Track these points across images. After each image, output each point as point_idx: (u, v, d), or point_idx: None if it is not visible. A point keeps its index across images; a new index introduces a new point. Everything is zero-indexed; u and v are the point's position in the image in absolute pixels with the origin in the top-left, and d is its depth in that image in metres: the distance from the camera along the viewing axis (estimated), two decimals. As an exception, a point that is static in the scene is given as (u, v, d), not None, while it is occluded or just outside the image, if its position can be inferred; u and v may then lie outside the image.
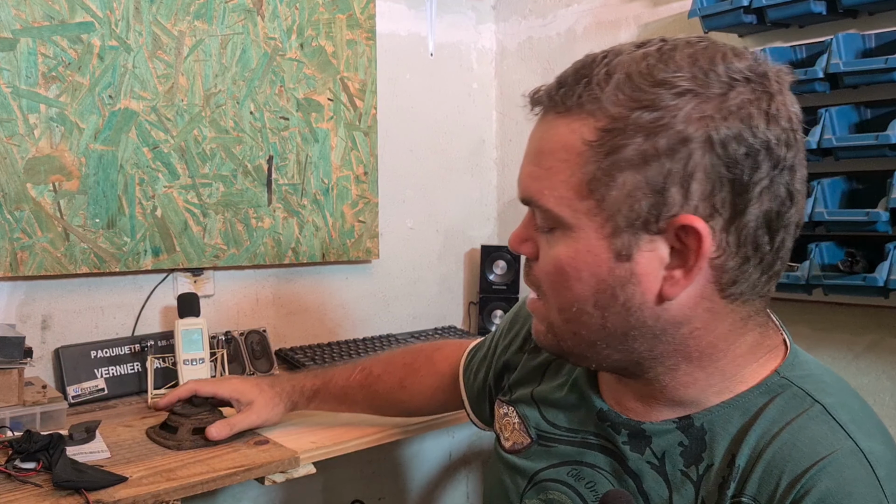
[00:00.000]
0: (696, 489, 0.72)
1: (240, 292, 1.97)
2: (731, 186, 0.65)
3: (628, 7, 2.09)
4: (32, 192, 1.61)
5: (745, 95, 0.66)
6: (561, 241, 0.71)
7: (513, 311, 1.05)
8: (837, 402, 0.71)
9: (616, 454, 0.79)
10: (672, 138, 0.64)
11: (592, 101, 0.67)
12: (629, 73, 0.66)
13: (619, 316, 0.70)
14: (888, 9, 1.54)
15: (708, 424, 0.73)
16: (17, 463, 1.21)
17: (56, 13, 1.62)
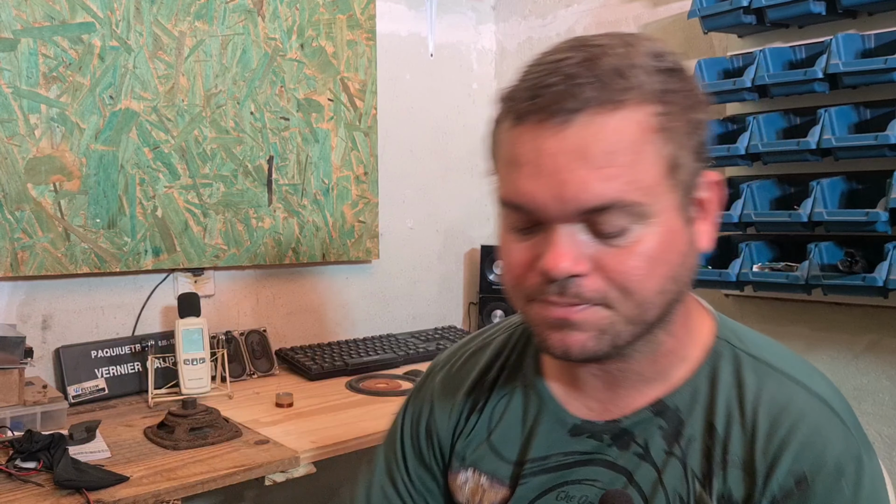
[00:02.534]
0: (683, 464, 0.74)
1: (240, 292, 1.97)
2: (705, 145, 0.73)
3: (628, 7, 2.10)
4: (33, 192, 1.61)
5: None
6: (645, 233, 0.68)
7: (412, 416, 0.95)
8: (774, 355, 0.77)
9: (603, 461, 0.78)
10: (703, 109, 0.72)
11: (636, 90, 0.67)
12: (641, 61, 0.69)
13: (683, 283, 0.73)
14: (888, 9, 1.54)
15: (680, 403, 0.77)
16: (18, 462, 1.22)
17: (57, 13, 1.62)
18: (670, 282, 0.70)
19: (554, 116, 0.66)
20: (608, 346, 0.71)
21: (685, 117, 0.70)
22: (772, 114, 1.68)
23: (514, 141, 0.70)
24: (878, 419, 1.64)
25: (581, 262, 0.68)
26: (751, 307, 1.82)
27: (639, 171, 0.67)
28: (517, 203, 0.70)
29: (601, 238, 0.68)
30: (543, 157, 0.67)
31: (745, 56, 1.71)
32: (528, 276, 0.71)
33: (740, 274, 1.65)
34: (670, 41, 2.00)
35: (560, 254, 0.67)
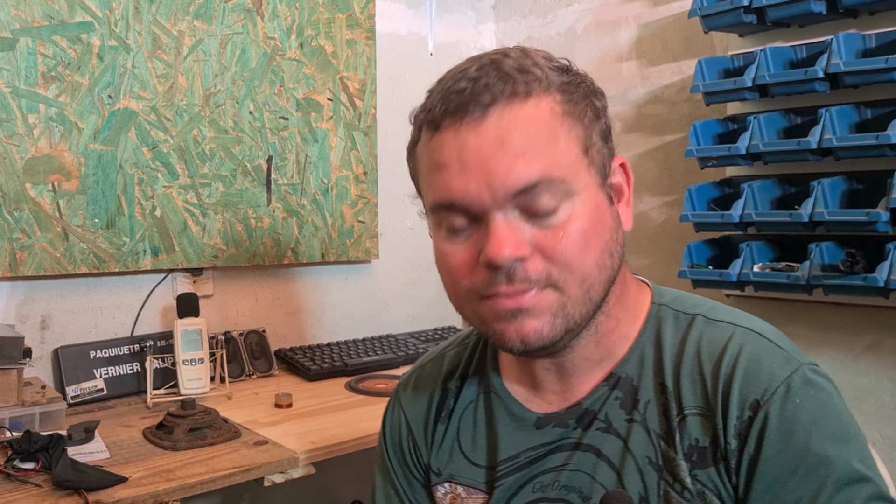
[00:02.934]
0: (645, 427, 0.77)
1: (239, 292, 1.97)
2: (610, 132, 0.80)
3: (628, 7, 2.09)
4: (32, 192, 1.60)
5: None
6: (573, 210, 0.72)
7: (392, 439, 0.97)
8: (709, 309, 0.81)
9: (570, 444, 0.81)
10: (601, 98, 0.79)
11: (540, 82, 0.73)
12: (539, 60, 0.76)
13: (617, 260, 0.77)
14: (888, 8, 1.54)
15: (630, 371, 0.80)
16: (17, 463, 1.21)
17: (55, 13, 1.61)
18: (606, 256, 0.75)
19: (469, 114, 0.72)
20: (562, 330, 0.74)
21: (587, 103, 0.76)
22: (772, 113, 1.68)
23: (436, 148, 0.75)
24: (878, 420, 1.64)
25: (522, 245, 0.71)
26: (751, 307, 1.81)
27: (557, 152, 0.72)
28: (449, 201, 0.73)
29: (535, 220, 0.72)
30: (467, 152, 0.72)
31: (746, 56, 1.71)
32: (473, 275, 0.74)
33: (741, 274, 1.64)
34: (671, 40, 2.00)
35: (501, 240, 0.71)
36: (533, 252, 0.72)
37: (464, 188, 0.72)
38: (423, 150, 0.79)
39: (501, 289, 0.72)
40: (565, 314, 0.74)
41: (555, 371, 0.82)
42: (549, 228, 0.72)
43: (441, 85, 0.77)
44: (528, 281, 0.72)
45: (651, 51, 2.05)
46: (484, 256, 0.72)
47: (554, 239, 0.72)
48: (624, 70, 2.10)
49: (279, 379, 1.88)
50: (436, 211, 0.77)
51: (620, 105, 2.09)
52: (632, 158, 2.04)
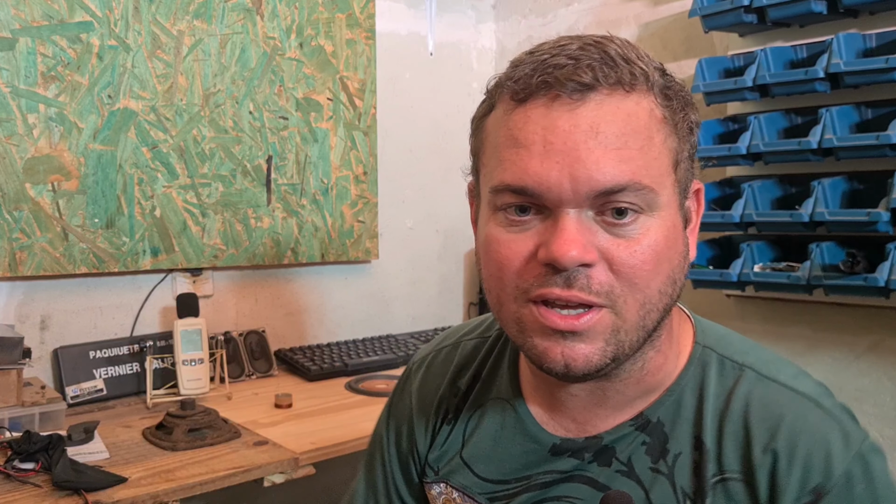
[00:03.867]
0: (671, 481, 0.71)
1: (239, 293, 1.96)
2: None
3: (629, 6, 2.09)
4: (31, 192, 1.60)
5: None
6: (652, 225, 0.66)
7: (395, 430, 0.92)
8: (758, 359, 0.74)
9: (584, 477, 0.75)
10: (696, 113, 0.71)
11: (646, 78, 0.67)
12: (642, 54, 0.69)
13: (678, 290, 0.70)
14: (889, 8, 1.53)
15: (663, 416, 0.73)
16: (17, 463, 1.21)
17: (55, 13, 1.61)
18: (670, 283, 0.68)
19: (566, 92, 0.64)
20: (611, 358, 0.67)
21: (684, 115, 0.69)
22: (773, 113, 1.68)
23: (518, 122, 0.66)
24: (879, 420, 1.64)
25: (591, 250, 0.64)
26: (752, 307, 1.82)
27: (649, 158, 0.65)
28: (521, 185, 0.65)
29: (609, 227, 0.65)
30: (556, 134, 0.64)
31: (747, 55, 1.70)
32: (526, 270, 0.67)
33: (741, 274, 1.64)
34: (671, 40, 2.00)
35: (570, 239, 0.63)
36: (599, 260, 0.65)
37: (543, 174, 0.64)
38: (499, 122, 0.69)
39: (556, 291, 0.65)
40: (618, 341, 0.67)
41: (582, 399, 0.75)
42: (622, 238, 0.65)
43: (534, 56, 0.67)
44: (587, 290, 0.64)
45: (651, 50, 2.02)
46: (546, 253, 0.64)
47: (626, 251, 0.65)
48: (624, 70, 2.10)
49: (279, 379, 1.87)
50: (499, 192, 0.67)
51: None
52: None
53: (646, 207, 0.65)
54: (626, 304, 0.66)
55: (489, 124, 0.71)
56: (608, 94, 0.65)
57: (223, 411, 1.52)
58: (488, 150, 0.70)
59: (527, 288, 0.67)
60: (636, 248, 0.65)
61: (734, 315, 1.84)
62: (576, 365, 0.66)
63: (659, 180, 0.66)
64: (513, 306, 0.68)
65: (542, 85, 0.65)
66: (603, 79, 0.64)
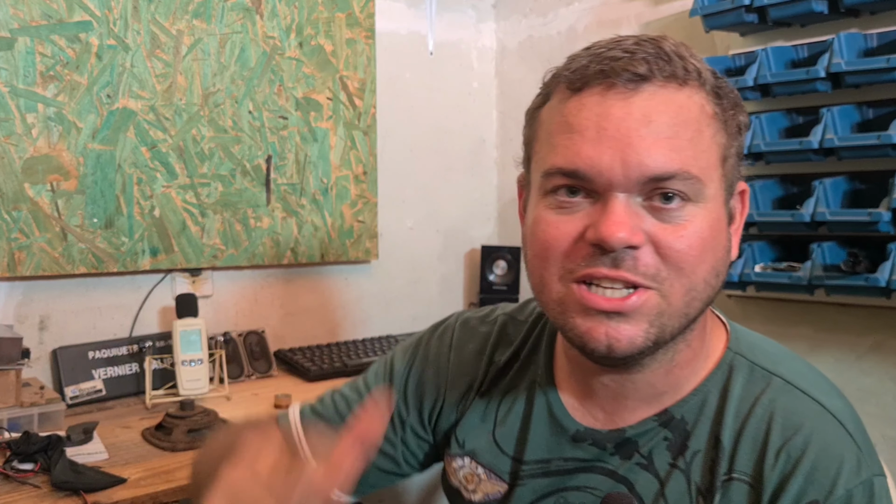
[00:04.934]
0: (687, 477, 0.73)
1: (238, 293, 1.96)
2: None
3: (630, 5, 2.09)
4: (30, 192, 1.60)
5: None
6: (698, 213, 0.68)
7: (419, 371, 0.92)
8: (789, 370, 0.75)
9: (604, 469, 0.77)
10: (745, 115, 0.73)
11: (699, 75, 0.70)
12: (695, 54, 0.72)
13: (720, 283, 0.72)
14: (890, 8, 1.53)
15: (687, 414, 0.75)
16: (16, 464, 1.21)
17: (54, 12, 1.61)
18: (713, 274, 0.69)
19: (621, 81, 0.67)
20: (654, 341, 0.69)
21: (733, 115, 0.72)
22: (774, 113, 1.67)
23: (573, 109, 0.69)
24: (881, 421, 1.63)
25: (638, 232, 0.66)
26: (753, 308, 1.81)
27: (699, 150, 0.68)
28: (573, 168, 0.67)
29: (656, 213, 0.67)
30: (609, 121, 0.66)
31: (747, 55, 1.70)
32: (573, 251, 0.68)
33: (743, 274, 1.64)
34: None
35: (618, 220, 0.65)
36: (645, 243, 0.67)
37: (595, 157, 0.66)
38: (554, 110, 0.71)
39: (602, 270, 0.67)
40: (661, 324, 0.68)
41: (613, 389, 0.77)
42: (668, 224, 0.67)
43: (590, 50, 0.71)
44: (634, 271, 0.66)
45: (652, 50, 2.04)
46: (595, 233, 0.66)
47: (673, 235, 0.67)
48: (625, 69, 2.10)
49: (278, 380, 1.87)
50: (550, 176, 0.70)
51: (621, 104, 2.08)
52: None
53: (693, 196, 0.67)
54: (671, 288, 0.67)
55: (543, 114, 0.73)
56: (662, 85, 0.67)
57: (223, 412, 1.52)
58: (542, 137, 0.73)
59: (573, 268, 0.69)
60: (683, 233, 0.67)
61: (735, 316, 1.82)
62: (619, 346, 0.68)
63: (707, 172, 0.68)
64: (557, 286, 0.70)
65: (598, 74, 0.68)
66: (657, 71, 0.67)
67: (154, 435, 1.40)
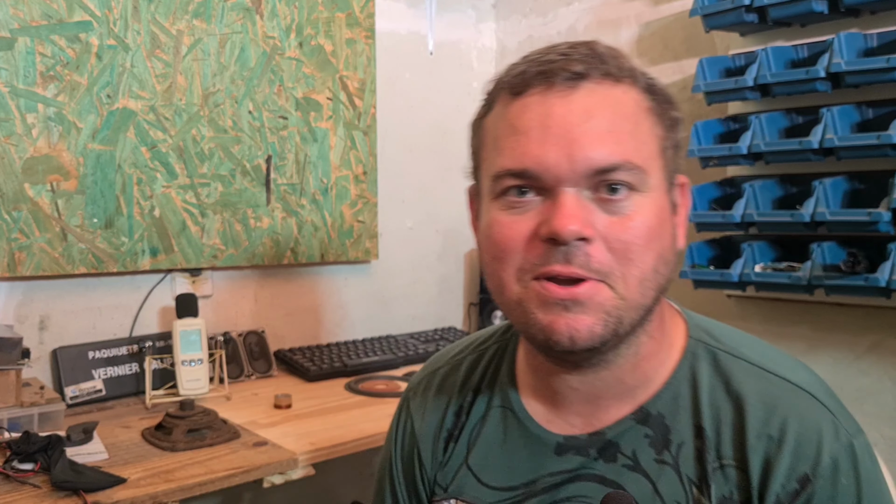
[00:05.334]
0: (677, 471, 0.73)
1: (238, 293, 1.96)
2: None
3: (629, 5, 2.09)
4: (30, 192, 1.60)
5: None
6: (643, 203, 0.70)
7: (402, 447, 0.92)
8: (752, 352, 0.77)
9: (592, 475, 0.77)
10: (678, 111, 0.76)
11: (631, 73, 0.73)
12: (627, 55, 0.75)
13: (670, 272, 0.74)
14: (890, 8, 1.53)
15: (663, 408, 0.76)
16: (16, 464, 1.21)
17: (54, 12, 1.61)
18: (663, 263, 0.72)
19: (560, 81, 0.69)
20: (612, 332, 0.70)
21: (667, 110, 0.75)
22: (774, 113, 1.67)
23: (517, 111, 0.71)
24: (880, 420, 1.64)
25: (588, 225, 0.68)
26: (753, 308, 1.81)
27: (639, 141, 0.71)
28: (522, 168, 0.69)
29: (604, 205, 0.69)
30: (552, 119, 0.69)
31: (747, 55, 1.70)
32: (528, 250, 0.70)
33: (742, 274, 1.64)
34: (672, 39, 2.00)
35: (569, 213, 0.67)
36: (597, 237, 0.68)
37: (542, 155, 0.68)
38: (498, 116, 0.74)
39: (557, 268, 0.68)
40: (618, 315, 0.69)
41: (584, 391, 0.77)
42: (616, 216, 0.69)
43: (527, 57, 0.74)
44: (586, 267, 0.68)
45: (652, 50, 2.04)
46: (548, 228, 0.68)
47: (621, 227, 0.69)
48: (624, 69, 2.10)
49: (278, 380, 1.87)
50: (500, 178, 0.71)
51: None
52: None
53: (638, 185, 0.70)
54: (624, 280, 0.69)
55: (488, 122, 0.75)
56: (598, 82, 0.70)
57: (222, 412, 1.52)
58: (488, 144, 0.75)
59: (528, 268, 0.70)
60: (630, 224, 0.69)
61: (735, 315, 1.84)
62: (580, 336, 0.69)
63: (648, 162, 0.71)
64: (515, 287, 0.72)
65: (537, 76, 0.70)
66: (593, 69, 0.70)
67: (154, 435, 1.40)
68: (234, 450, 1.36)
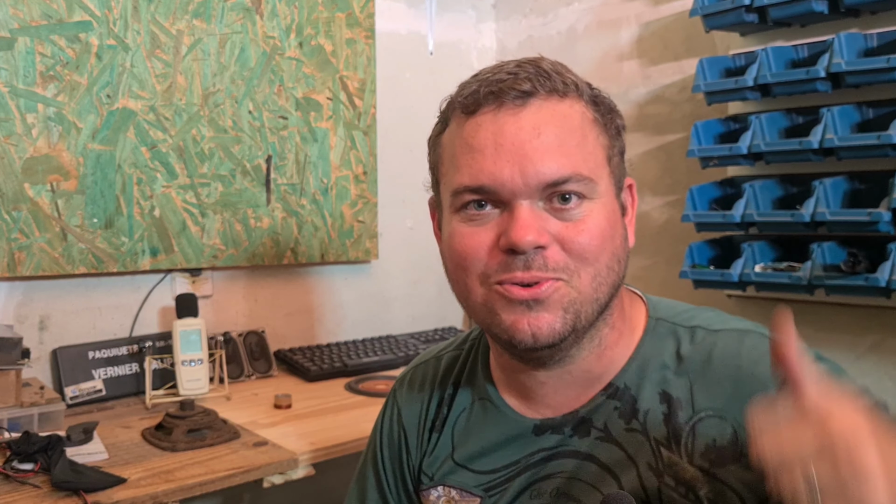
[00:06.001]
0: (645, 435, 0.78)
1: (238, 293, 1.96)
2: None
3: (629, 6, 2.09)
4: (30, 192, 1.60)
5: None
6: (593, 208, 0.75)
7: (388, 439, 0.98)
8: (705, 319, 0.83)
9: (567, 451, 0.82)
10: (622, 119, 0.83)
11: (576, 87, 0.78)
12: (572, 71, 0.80)
13: (623, 269, 0.79)
14: (890, 8, 1.53)
15: (629, 381, 0.81)
16: (16, 464, 1.21)
17: (54, 12, 1.61)
18: (615, 261, 0.77)
19: (510, 100, 0.75)
20: (570, 328, 0.75)
21: (611, 118, 0.80)
22: (774, 113, 1.67)
23: (471, 130, 0.76)
24: (880, 420, 1.63)
25: (544, 234, 0.74)
26: (753, 307, 1.81)
27: (586, 152, 0.76)
28: (479, 184, 0.75)
29: (557, 213, 0.74)
30: (504, 137, 0.74)
31: (748, 55, 1.70)
32: (489, 259, 0.76)
33: (742, 274, 1.64)
34: (672, 40, 2.00)
35: (525, 225, 0.73)
36: (552, 242, 0.74)
37: (497, 172, 0.73)
38: (454, 134, 0.79)
39: (518, 274, 0.74)
40: (575, 311, 0.75)
41: (552, 385, 0.83)
42: (569, 221, 0.74)
43: (478, 76, 0.79)
44: (545, 269, 0.74)
45: (652, 50, 2.04)
46: (506, 239, 0.73)
47: (575, 231, 0.74)
48: (625, 69, 2.10)
49: (278, 380, 1.87)
50: (459, 194, 0.77)
51: (621, 105, 2.05)
52: (633, 158, 2.03)
53: (588, 194, 0.75)
54: (579, 278, 0.75)
55: (444, 139, 0.81)
56: (545, 98, 0.76)
57: (222, 412, 1.52)
58: (446, 161, 0.80)
59: (491, 273, 0.76)
60: (583, 228, 0.75)
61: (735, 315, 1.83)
62: (541, 333, 0.75)
63: (596, 171, 0.76)
64: (479, 290, 0.78)
65: (488, 96, 0.76)
66: (540, 86, 0.75)
67: (154, 435, 1.39)
68: (234, 450, 1.36)
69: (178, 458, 1.31)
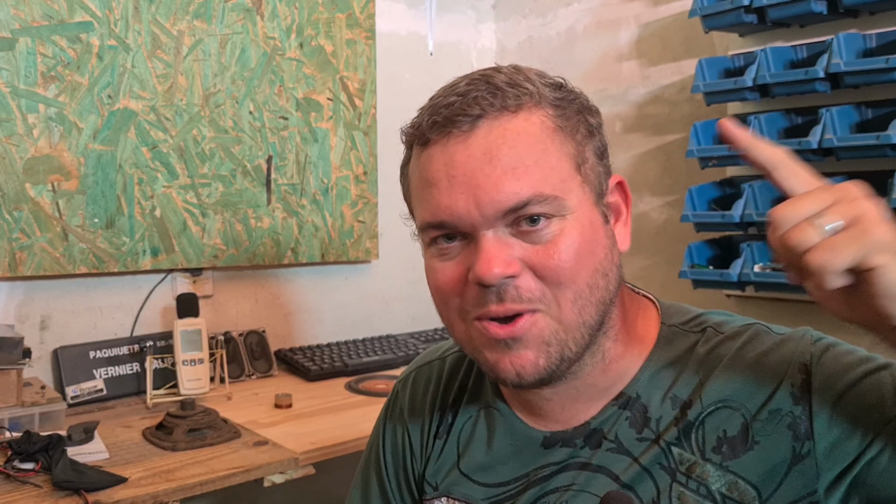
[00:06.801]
0: (657, 441, 0.75)
1: (239, 293, 1.96)
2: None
3: (629, 6, 2.09)
4: (31, 192, 1.60)
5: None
6: (564, 226, 0.70)
7: (392, 441, 0.95)
8: (715, 322, 0.80)
9: (577, 464, 0.78)
10: (596, 116, 0.77)
11: (531, 96, 0.72)
12: (531, 76, 0.74)
13: (613, 281, 0.74)
14: (889, 8, 1.53)
15: (640, 390, 0.77)
16: (17, 463, 1.21)
17: (55, 13, 1.61)
18: (599, 276, 0.72)
19: (457, 127, 0.70)
20: (557, 360, 0.71)
21: (580, 119, 0.74)
22: (773, 113, 1.68)
23: (425, 163, 0.73)
24: (879, 420, 1.64)
25: (512, 263, 0.69)
26: (753, 308, 1.81)
27: (547, 168, 0.70)
28: (438, 220, 0.71)
29: (525, 237, 0.70)
30: (455, 167, 0.70)
31: (747, 55, 1.70)
32: (464, 293, 0.72)
33: (742, 274, 1.64)
34: (671, 40, 2.00)
35: (490, 258, 0.68)
36: (523, 269, 0.70)
37: (452, 205, 0.70)
38: (414, 165, 0.76)
39: (492, 308, 0.70)
40: (559, 341, 0.71)
41: (558, 401, 0.79)
42: (539, 244, 0.70)
43: (431, 101, 0.75)
44: (519, 300, 0.69)
45: (651, 50, 2.04)
46: (473, 275, 0.69)
47: (545, 255, 0.69)
48: (624, 70, 2.10)
49: (279, 379, 1.87)
50: (424, 230, 0.75)
51: (621, 105, 2.08)
52: (632, 158, 2.04)
53: (555, 212, 0.70)
54: (558, 306, 0.70)
55: (410, 170, 0.78)
56: (495, 118, 0.70)
57: (223, 411, 1.52)
58: (413, 193, 0.78)
59: (468, 309, 0.72)
60: (554, 250, 0.69)
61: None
62: (525, 372, 0.71)
63: (561, 186, 0.70)
64: (461, 325, 0.74)
65: (434, 125, 0.71)
66: (488, 107, 0.70)
67: (155, 434, 1.40)
68: (234, 449, 1.36)
69: (179, 457, 1.32)
